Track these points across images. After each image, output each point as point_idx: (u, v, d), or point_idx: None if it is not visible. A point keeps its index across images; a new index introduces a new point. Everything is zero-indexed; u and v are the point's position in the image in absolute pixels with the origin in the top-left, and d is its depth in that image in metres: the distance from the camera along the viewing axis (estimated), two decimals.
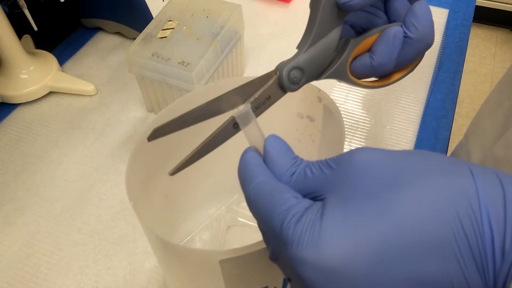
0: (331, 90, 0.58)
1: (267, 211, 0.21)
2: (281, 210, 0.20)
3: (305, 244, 0.19)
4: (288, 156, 0.23)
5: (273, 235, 0.21)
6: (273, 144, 0.24)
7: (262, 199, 0.22)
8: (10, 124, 0.57)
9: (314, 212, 0.20)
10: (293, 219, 0.20)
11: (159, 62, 0.48)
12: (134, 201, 0.28)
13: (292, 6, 0.71)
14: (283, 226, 0.20)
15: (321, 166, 0.22)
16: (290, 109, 0.36)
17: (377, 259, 0.18)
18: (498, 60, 1.87)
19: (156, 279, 0.42)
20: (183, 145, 0.37)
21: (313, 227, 0.19)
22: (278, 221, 0.20)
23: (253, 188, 0.22)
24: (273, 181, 0.22)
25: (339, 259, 0.18)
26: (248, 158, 0.24)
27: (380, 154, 0.20)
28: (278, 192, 0.21)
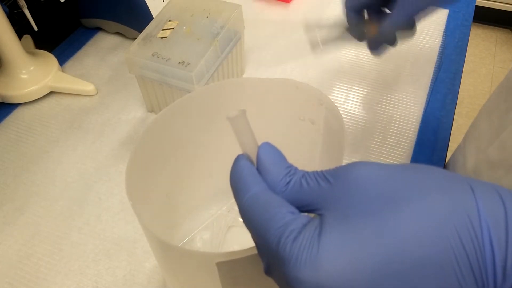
0: (331, 91, 0.58)
1: (262, 225, 0.20)
2: (278, 226, 0.20)
3: (303, 263, 0.18)
4: (282, 165, 0.23)
5: (268, 250, 0.20)
6: (267, 151, 0.24)
7: (257, 212, 0.21)
8: (10, 124, 0.57)
9: (312, 230, 0.19)
10: (290, 236, 0.19)
11: (159, 62, 0.48)
12: (133, 201, 0.28)
13: (292, 6, 0.71)
14: (280, 243, 0.19)
15: (317, 178, 0.21)
16: (292, 112, 0.36)
17: (375, 279, 0.18)
18: (498, 60, 1.87)
19: (156, 279, 0.42)
20: (183, 145, 0.37)
21: (311, 246, 0.19)
22: (274, 237, 0.20)
23: (247, 200, 0.22)
24: (267, 193, 0.22)
25: (337, 279, 0.18)
26: (241, 166, 0.23)
27: (378, 170, 0.20)
28: (274, 205, 0.21)
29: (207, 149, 0.39)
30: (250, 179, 0.22)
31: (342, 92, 0.58)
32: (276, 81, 0.34)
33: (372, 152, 0.51)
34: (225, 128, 0.38)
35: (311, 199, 0.21)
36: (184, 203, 0.42)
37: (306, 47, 0.64)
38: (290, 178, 0.22)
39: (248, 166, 0.23)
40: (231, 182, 0.23)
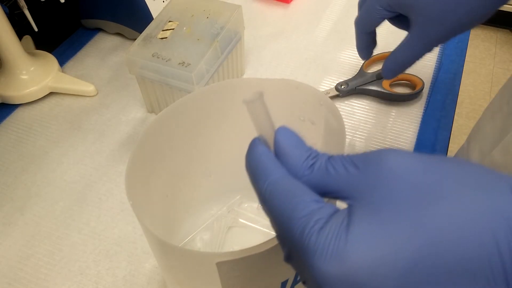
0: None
1: (284, 213, 0.19)
2: (301, 215, 0.19)
3: (329, 256, 0.17)
4: (302, 148, 0.21)
5: (290, 240, 0.19)
6: (285, 134, 0.22)
7: (278, 200, 0.20)
8: (10, 125, 0.57)
9: (340, 221, 0.18)
10: (315, 226, 0.18)
11: (159, 63, 0.48)
12: (133, 201, 0.28)
13: (292, 6, 0.71)
14: (304, 234, 0.18)
15: (345, 164, 0.20)
16: (292, 112, 0.36)
17: (405, 277, 0.17)
18: (498, 60, 1.87)
19: (156, 280, 0.42)
20: (183, 146, 0.37)
21: (339, 238, 0.18)
22: (298, 226, 0.19)
23: (268, 186, 0.20)
24: (289, 179, 0.20)
25: (365, 274, 0.17)
26: (259, 151, 0.22)
27: (413, 160, 0.19)
28: (297, 193, 0.20)
29: (207, 150, 0.39)
30: (270, 164, 0.21)
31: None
32: (276, 82, 0.34)
33: None
34: (225, 129, 0.39)
35: (338, 186, 0.20)
36: (184, 203, 0.42)
37: (306, 47, 0.64)
38: (312, 161, 0.21)
39: (266, 151, 0.22)
40: (248, 168, 0.22)
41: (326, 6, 0.70)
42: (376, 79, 0.56)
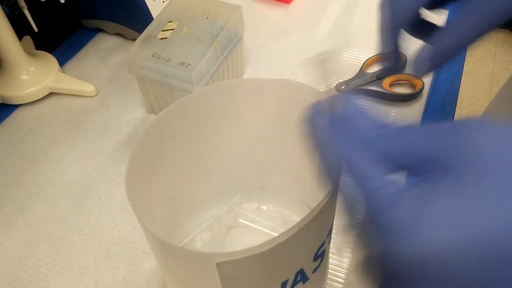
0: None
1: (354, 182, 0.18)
2: (375, 187, 0.17)
3: (407, 233, 0.16)
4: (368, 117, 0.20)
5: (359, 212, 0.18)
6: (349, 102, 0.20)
7: (348, 167, 0.18)
8: (10, 125, 0.57)
9: (419, 196, 0.17)
10: (391, 200, 0.17)
11: (159, 63, 0.48)
12: (133, 201, 0.28)
13: (292, 7, 0.71)
14: (378, 208, 0.17)
15: (423, 134, 0.18)
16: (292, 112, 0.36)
17: (488, 262, 0.15)
18: (498, 60, 1.87)
19: (156, 280, 0.42)
20: (184, 146, 0.37)
21: (419, 214, 0.16)
22: (370, 200, 0.17)
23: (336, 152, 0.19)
24: (359, 149, 0.19)
25: (445, 254, 0.15)
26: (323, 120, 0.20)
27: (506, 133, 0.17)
28: (369, 164, 0.18)
29: (207, 150, 0.39)
30: (337, 134, 0.19)
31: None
32: (276, 82, 0.34)
33: None
34: (226, 129, 0.39)
35: (415, 158, 0.18)
36: (184, 203, 0.42)
37: (306, 47, 0.64)
38: (382, 130, 0.19)
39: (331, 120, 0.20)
40: (310, 138, 0.21)
41: (326, 6, 0.70)
42: (376, 79, 0.56)
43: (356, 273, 0.42)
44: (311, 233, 0.28)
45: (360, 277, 0.20)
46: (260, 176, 0.44)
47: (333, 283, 0.41)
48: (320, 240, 0.31)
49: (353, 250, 0.43)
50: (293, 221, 0.44)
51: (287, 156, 0.40)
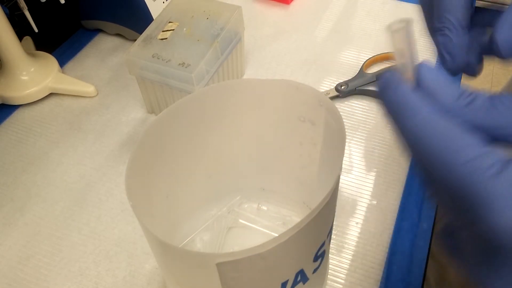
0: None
1: (444, 155, 0.17)
2: (469, 157, 0.16)
3: (506, 207, 0.15)
4: (452, 85, 0.19)
5: (450, 183, 0.17)
6: (431, 70, 0.19)
7: (434, 140, 0.17)
8: (10, 126, 0.57)
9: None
10: (490, 171, 0.16)
11: (159, 64, 0.48)
12: (133, 202, 0.28)
13: (292, 7, 0.71)
14: (475, 179, 0.16)
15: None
16: (292, 112, 0.36)
17: None
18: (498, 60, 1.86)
19: (156, 280, 0.42)
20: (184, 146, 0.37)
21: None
22: (464, 170, 0.16)
23: (420, 121, 0.18)
24: (446, 116, 0.18)
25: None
26: (404, 88, 0.19)
27: None
28: (459, 132, 0.17)
29: (207, 150, 0.39)
30: (419, 101, 0.18)
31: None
32: (276, 82, 0.34)
33: (373, 152, 0.51)
34: (226, 129, 0.39)
35: (509, 126, 0.17)
36: (184, 204, 0.42)
37: (306, 47, 0.64)
38: (469, 98, 0.18)
39: (412, 88, 0.19)
40: (387, 106, 0.19)
41: (326, 6, 0.70)
42: (376, 79, 0.56)
43: (357, 273, 0.42)
44: (311, 234, 0.28)
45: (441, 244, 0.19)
46: (260, 177, 0.44)
47: (333, 283, 0.41)
48: (320, 240, 0.31)
49: (353, 252, 0.43)
50: (293, 221, 0.44)
51: (287, 156, 0.40)
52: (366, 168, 0.50)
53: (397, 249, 0.43)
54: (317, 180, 0.39)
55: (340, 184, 0.47)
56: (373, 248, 0.43)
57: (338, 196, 0.47)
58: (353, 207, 0.47)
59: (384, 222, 0.45)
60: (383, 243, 0.44)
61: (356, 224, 0.45)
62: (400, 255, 0.43)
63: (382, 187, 0.48)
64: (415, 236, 0.44)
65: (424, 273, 0.42)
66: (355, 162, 0.50)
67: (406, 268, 0.42)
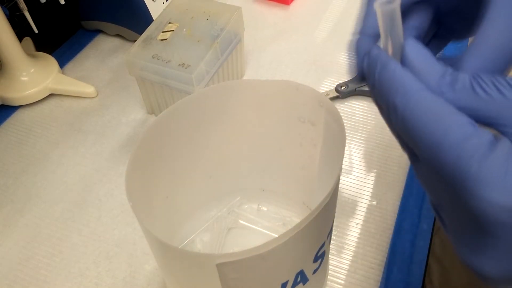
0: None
1: (432, 134, 0.17)
2: (457, 139, 0.17)
3: (497, 186, 0.16)
4: (436, 63, 0.19)
5: (438, 162, 0.17)
6: (416, 48, 0.19)
7: (424, 118, 0.17)
8: (10, 127, 0.57)
9: (506, 150, 0.16)
10: (477, 153, 0.16)
11: (159, 64, 0.48)
12: (133, 203, 0.28)
13: (292, 8, 0.71)
14: (462, 160, 0.16)
15: (498, 85, 0.17)
16: (292, 113, 0.36)
17: None
18: None
19: (156, 281, 0.42)
20: (183, 147, 0.37)
21: (508, 168, 0.16)
22: (452, 151, 0.17)
23: (408, 103, 0.18)
24: (434, 95, 0.18)
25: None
26: (393, 66, 0.19)
27: None
28: (447, 112, 0.17)
29: (207, 151, 0.39)
30: (408, 80, 0.18)
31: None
32: (276, 83, 0.34)
33: (373, 152, 0.51)
34: (225, 130, 0.39)
35: (491, 111, 0.17)
36: (184, 204, 0.42)
37: (305, 48, 0.64)
38: (451, 77, 0.18)
39: (401, 66, 0.19)
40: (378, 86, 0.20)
41: (326, 7, 0.70)
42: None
43: (357, 274, 0.42)
44: (311, 234, 0.28)
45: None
46: (260, 177, 0.44)
47: (333, 284, 0.41)
48: (320, 241, 0.31)
49: (353, 253, 0.43)
50: (293, 222, 0.44)
51: (287, 157, 0.40)
52: (366, 169, 0.50)
53: (397, 249, 0.43)
54: (317, 181, 0.39)
55: (340, 185, 0.47)
56: (373, 248, 0.43)
57: (338, 197, 0.47)
58: (353, 207, 0.47)
59: (384, 223, 0.45)
60: (383, 243, 0.44)
61: (356, 224, 0.45)
62: (400, 256, 0.43)
63: (382, 187, 0.48)
64: (415, 236, 0.44)
65: (424, 273, 0.42)
66: (355, 163, 0.50)
67: (406, 269, 0.42)
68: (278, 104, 0.36)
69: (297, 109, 0.35)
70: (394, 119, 0.19)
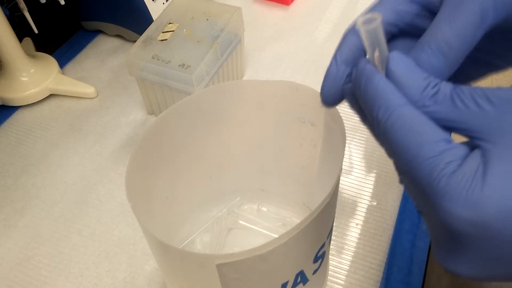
0: None
1: (409, 149, 0.18)
2: (431, 155, 0.17)
3: (462, 201, 0.17)
4: (419, 75, 0.19)
5: (413, 175, 0.18)
6: (399, 61, 0.20)
7: (402, 133, 0.18)
8: (10, 127, 0.57)
9: (475, 166, 0.17)
10: (446, 169, 0.17)
11: (159, 65, 0.48)
12: (134, 203, 0.28)
13: (292, 8, 0.71)
14: (433, 175, 0.17)
15: (476, 98, 0.18)
16: (292, 113, 0.36)
17: None
18: None
19: (156, 282, 0.42)
20: (183, 147, 0.37)
21: (474, 183, 0.17)
22: (425, 166, 0.18)
23: (390, 117, 0.19)
24: (414, 111, 0.19)
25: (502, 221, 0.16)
26: (378, 79, 0.20)
27: None
28: (425, 128, 0.18)
29: (207, 151, 0.39)
30: (391, 94, 0.19)
31: None
32: (276, 83, 0.34)
33: (373, 153, 0.51)
34: (225, 130, 0.39)
35: (468, 124, 0.18)
36: (184, 205, 0.42)
37: (305, 49, 0.64)
38: (434, 90, 0.19)
39: (385, 80, 0.20)
40: (363, 98, 0.20)
41: (326, 7, 0.70)
42: None
43: (357, 274, 0.42)
44: (311, 235, 0.28)
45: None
46: (260, 178, 0.44)
47: (333, 284, 0.41)
48: (320, 241, 0.31)
49: (353, 253, 0.43)
50: (293, 222, 0.44)
51: (287, 157, 0.40)
52: (366, 169, 0.50)
53: (397, 250, 0.43)
54: (317, 181, 0.39)
55: (340, 185, 0.47)
56: (373, 249, 0.43)
57: (338, 197, 0.47)
58: (353, 208, 0.47)
59: (384, 223, 0.45)
60: (383, 244, 0.44)
61: (356, 225, 0.45)
62: (400, 256, 0.43)
63: (382, 188, 0.48)
64: (415, 237, 0.44)
65: (424, 274, 0.42)
66: (355, 163, 0.50)
67: (406, 269, 0.42)
68: (278, 104, 0.36)
69: (297, 109, 0.35)
70: (377, 130, 0.20)
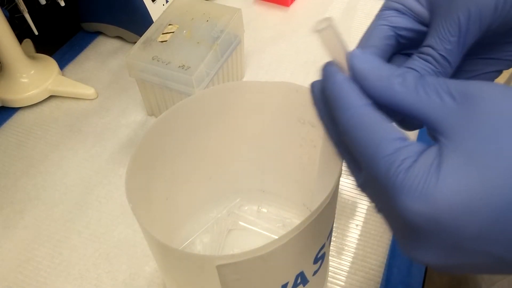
0: None
1: (368, 148, 0.19)
2: (387, 153, 0.18)
3: (417, 195, 0.17)
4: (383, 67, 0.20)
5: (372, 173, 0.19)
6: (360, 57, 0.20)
7: (362, 133, 0.19)
8: (10, 128, 0.57)
9: (430, 160, 0.17)
10: (402, 165, 0.18)
11: (159, 66, 0.48)
12: (133, 204, 0.28)
13: (292, 9, 0.71)
14: (390, 172, 0.18)
15: (439, 90, 0.18)
16: (292, 114, 0.36)
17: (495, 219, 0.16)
18: None
19: (156, 283, 0.42)
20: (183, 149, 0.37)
21: (429, 178, 0.17)
22: (383, 164, 0.18)
23: (350, 118, 0.19)
24: (373, 111, 0.19)
25: (454, 214, 0.16)
26: (339, 79, 0.20)
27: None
28: (382, 128, 0.19)
29: (207, 153, 0.39)
30: (352, 94, 0.20)
31: None
32: (276, 84, 0.34)
33: None
34: (225, 131, 0.39)
35: (428, 114, 0.18)
36: (184, 206, 0.42)
37: (305, 50, 0.64)
38: (398, 79, 0.19)
39: (347, 79, 0.20)
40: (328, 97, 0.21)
41: (326, 9, 0.70)
42: None
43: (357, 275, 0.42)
44: (311, 236, 0.28)
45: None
46: (260, 179, 0.44)
47: (333, 285, 0.41)
48: (320, 242, 0.31)
49: (353, 254, 0.43)
50: (293, 223, 0.44)
51: (287, 158, 0.40)
52: None
53: (397, 251, 0.43)
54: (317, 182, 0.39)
55: (340, 186, 0.47)
56: (373, 250, 0.43)
57: (338, 198, 0.47)
58: (353, 209, 0.47)
59: (384, 224, 0.45)
60: (383, 245, 0.44)
61: (356, 226, 0.45)
62: (400, 257, 0.43)
63: None
64: None
65: (424, 275, 0.42)
66: None
67: (406, 270, 0.42)
68: (278, 105, 0.36)
69: (297, 110, 0.35)
70: (339, 130, 0.20)
